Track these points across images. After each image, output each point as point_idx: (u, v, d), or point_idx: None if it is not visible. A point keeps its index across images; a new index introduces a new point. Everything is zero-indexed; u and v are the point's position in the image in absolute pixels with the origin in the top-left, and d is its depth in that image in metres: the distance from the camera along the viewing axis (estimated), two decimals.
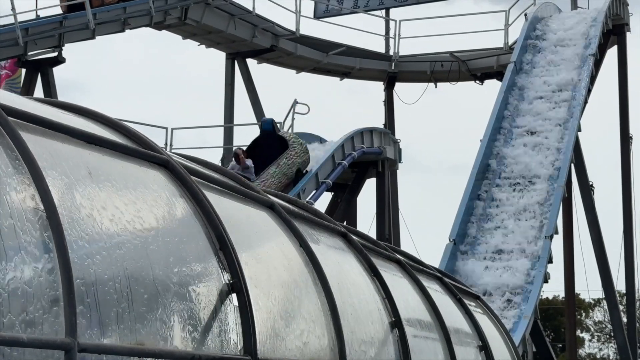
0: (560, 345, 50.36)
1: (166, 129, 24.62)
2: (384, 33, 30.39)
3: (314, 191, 20.73)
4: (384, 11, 30.79)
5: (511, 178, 21.26)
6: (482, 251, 19.70)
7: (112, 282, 3.47)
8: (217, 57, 29.12)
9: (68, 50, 22.96)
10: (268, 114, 27.56)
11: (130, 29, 23.51)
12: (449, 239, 19.79)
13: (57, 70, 23.30)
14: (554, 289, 73.86)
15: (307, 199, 19.60)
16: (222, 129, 27.36)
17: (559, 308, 53.48)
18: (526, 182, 21.08)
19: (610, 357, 57.60)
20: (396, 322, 6.22)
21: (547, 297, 55.13)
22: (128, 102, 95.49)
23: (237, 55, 27.44)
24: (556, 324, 55.02)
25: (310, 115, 27.12)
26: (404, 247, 26.53)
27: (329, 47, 28.63)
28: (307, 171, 20.92)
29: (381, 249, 7.36)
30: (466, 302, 9.23)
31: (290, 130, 23.49)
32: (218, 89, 38.12)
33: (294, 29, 27.31)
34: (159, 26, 24.68)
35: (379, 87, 30.39)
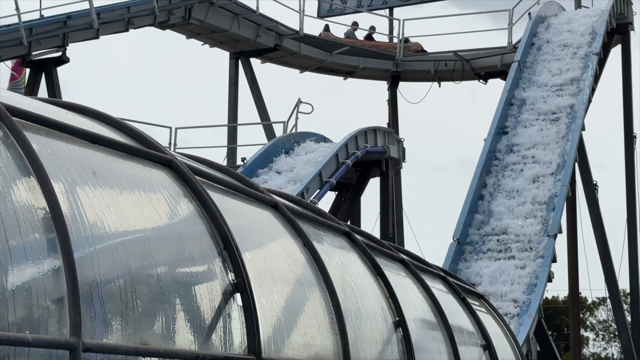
0: (564, 345, 50.29)
1: (170, 128, 24.59)
2: (387, 32, 30.39)
3: (318, 190, 20.67)
4: (387, 10, 30.77)
5: None
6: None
7: (116, 281, 3.47)
8: (220, 57, 29.21)
9: (72, 50, 22.95)
10: (272, 114, 27.59)
11: (134, 28, 23.49)
12: (453, 239, 19.77)
13: (61, 70, 23.29)
14: (557, 288, 73.91)
15: (311, 199, 19.56)
16: (226, 128, 27.35)
17: (561, 307, 53.43)
18: None
19: (615, 357, 57.51)
20: (400, 322, 6.22)
21: (552, 296, 55.11)
22: (131, 101, 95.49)
23: (240, 54, 27.42)
24: (559, 323, 54.94)
25: (314, 115, 27.17)
26: (407, 246, 26.53)
27: (332, 47, 28.61)
28: None
29: (385, 248, 7.36)
30: (470, 301, 9.23)
31: (294, 130, 23.47)
32: (222, 88, 38.07)
33: (297, 28, 27.30)
34: (162, 25, 24.66)
35: (382, 86, 30.38)
